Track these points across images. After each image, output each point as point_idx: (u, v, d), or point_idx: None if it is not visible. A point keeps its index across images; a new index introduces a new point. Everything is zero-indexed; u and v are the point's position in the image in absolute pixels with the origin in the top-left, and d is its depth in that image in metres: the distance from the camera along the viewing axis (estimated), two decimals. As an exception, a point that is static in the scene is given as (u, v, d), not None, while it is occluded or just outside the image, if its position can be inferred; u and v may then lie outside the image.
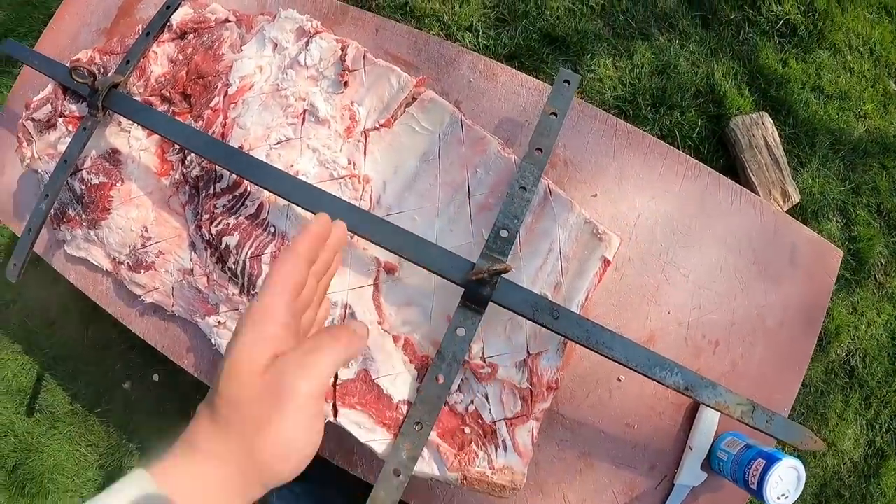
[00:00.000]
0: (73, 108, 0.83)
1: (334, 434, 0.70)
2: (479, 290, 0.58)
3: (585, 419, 0.68)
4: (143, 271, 0.77)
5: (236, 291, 0.68)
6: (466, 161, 0.66)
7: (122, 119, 0.80)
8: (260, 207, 0.68)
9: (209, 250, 0.72)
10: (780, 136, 0.97)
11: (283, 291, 0.30)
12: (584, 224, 0.63)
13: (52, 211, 0.84)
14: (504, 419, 0.60)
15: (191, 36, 0.80)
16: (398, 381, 0.60)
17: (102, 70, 0.81)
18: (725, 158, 1.02)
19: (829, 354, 0.96)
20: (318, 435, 0.30)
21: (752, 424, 0.57)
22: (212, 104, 0.75)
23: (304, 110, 0.71)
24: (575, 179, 0.71)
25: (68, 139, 0.82)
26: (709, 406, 0.57)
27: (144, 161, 0.79)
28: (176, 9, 0.82)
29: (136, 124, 0.80)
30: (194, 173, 0.74)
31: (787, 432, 0.57)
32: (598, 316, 0.68)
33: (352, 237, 0.65)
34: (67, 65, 0.84)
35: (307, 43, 0.73)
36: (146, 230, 0.77)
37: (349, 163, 0.68)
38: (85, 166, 0.80)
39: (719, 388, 0.57)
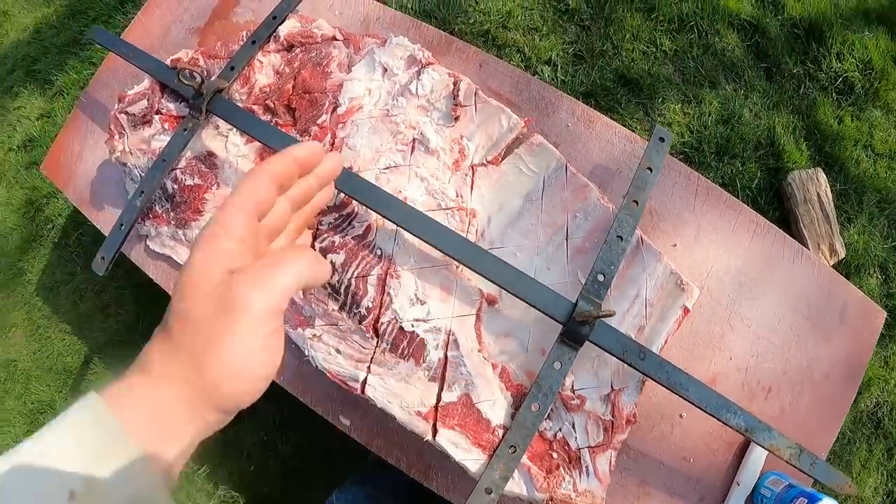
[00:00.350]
0: (171, 106, 0.85)
1: (413, 447, 0.76)
2: (579, 329, 0.64)
3: (648, 450, 0.75)
4: (232, 274, 0.80)
5: (336, 308, 0.72)
6: (568, 205, 0.72)
7: (221, 123, 0.83)
8: (367, 229, 0.72)
9: (308, 263, 0.75)
10: (832, 191, 1.06)
11: (242, 207, 0.28)
12: (670, 275, 0.70)
13: (140, 204, 0.86)
14: (588, 447, 0.66)
15: (297, 49, 0.83)
16: (496, 407, 0.66)
17: (206, 73, 0.83)
18: (780, 210, 1.10)
19: (859, 405, 1.05)
20: (275, 354, 0.28)
21: (799, 466, 0.65)
22: (319, 121, 0.78)
23: (414, 139, 0.75)
24: (658, 229, 0.77)
25: (163, 137, 0.84)
26: (763, 447, 0.65)
27: (242, 168, 0.82)
28: (283, 21, 0.84)
29: (234, 130, 0.83)
30: (297, 187, 0.77)
31: (827, 476, 0.66)
32: (671, 357, 0.74)
33: (458, 268, 0.70)
34: (167, 62, 0.85)
35: (419, 73, 0.77)
36: (239, 235, 0.80)
37: (457, 195, 0.73)
38: (179, 166, 0.82)
39: (774, 432, 0.64)
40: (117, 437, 0.25)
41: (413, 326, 0.68)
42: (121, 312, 1.20)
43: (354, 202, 0.73)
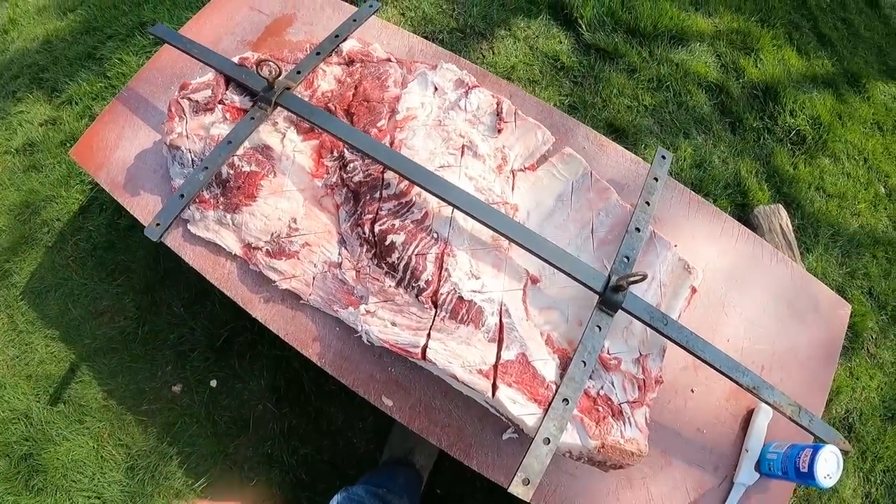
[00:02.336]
0: (236, 98, 0.96)
1: (455, 426, 0.82)
2: (614, 297, 0.77)
3: (667, 422, 0.86)
4: (284, 259, 0.88)
5: (393, 284, 0.81)
6: (592, 205, 0.89)
7: (279, 120, 0.95)
8: (425, 215, 0.84)
9: (365, 247, 0.85)
10: (793, 224, 1.31)
11: None
12: (678, 260, 0.87)
13: (179, 184, 0.93)
14: (627, 402, 0.77)
15: (357, 64, 0.99)
16: (547, 366, 0.76)
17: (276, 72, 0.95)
18: (749, 239, 1.33)
19: (832, 411, 1.21)
20: None
21: (798, 422, 0.78)
22: (378, 125, 0.92)
23: (464, 145, 0.90)
24: (661, 232, 0.95)
25: (223, 126, 0.94)
26: (767, 403, 0.78)
27: (300, 162, 0.93)
28: (345, 39, 1.01)
29: (291, 127, 0.95)
30: (357, 179, 0.89)
31: (824, 431, 0.80)
32: (681, 336, 0.89)
33: (506, 250, 0.83)
34: (236, 60, 0.98)
35: (467, 93, 0.95)
36: (294, 222, 0.89)
37: (502, 193, 0.88)
38: (237, 153, 0.92)
39: (776, 391, 0.79)
40: None
41: (471, 296, 0.78)
42: (118, 319, 1.18)
43: (413, 192, 0.86)
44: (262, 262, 0.88)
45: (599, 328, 0.77)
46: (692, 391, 0.88)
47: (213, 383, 1.14)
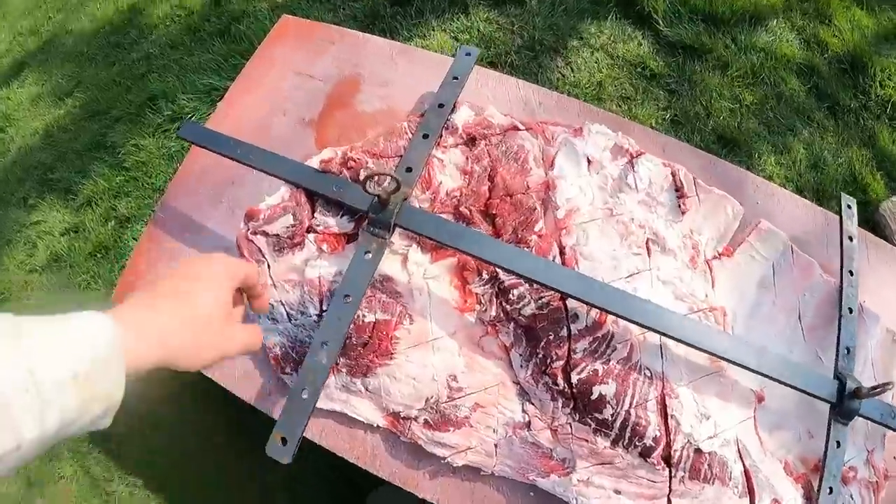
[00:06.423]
0: (331, 222, 0.71)
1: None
2: (851, 406, 0.72)
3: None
4: (452, 429, 0.71)
5: (607, 444, 0.69)
6: (797, 286, 0.79)
7: (394, 238, 0.72)
8: (631, 349, 0.71)
9: (560, 400, 0.71)
10: None
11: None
12: (886, 332, 0.82)
13: (280, 351, 0.71)
14: (867, 514, 0.75)
15: (482, 143, 0.75)
16: (796, 506, 0.71)
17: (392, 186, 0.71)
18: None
19: None
20: (220, 339, 0.42)
21: None
22: (536, 229, 0.73)
23: (648, 239, 0.75)
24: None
25: (323, 263, 0.70)
26: None
27: (437, 292, 0.72)
28: (453, 110, 0.76)
29: (413, 246, 0.73)
30: (528, 311, 0.71)
31: None
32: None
33: (727, 370, 0.73)
34: (314, 165, 0.71)
35: (631, 163, 0.77)
36: (454, 379, 0.71)
37: (705, 294, 0.75)
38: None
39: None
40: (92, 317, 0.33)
41: (710, 445, 0.69)
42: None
43: (609, 318, 0.71)
44: (422, 437, 0.71)
45: (838, 443, 0.72)
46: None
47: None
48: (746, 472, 0.70)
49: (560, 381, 0.70)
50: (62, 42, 1.73)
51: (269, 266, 0.69)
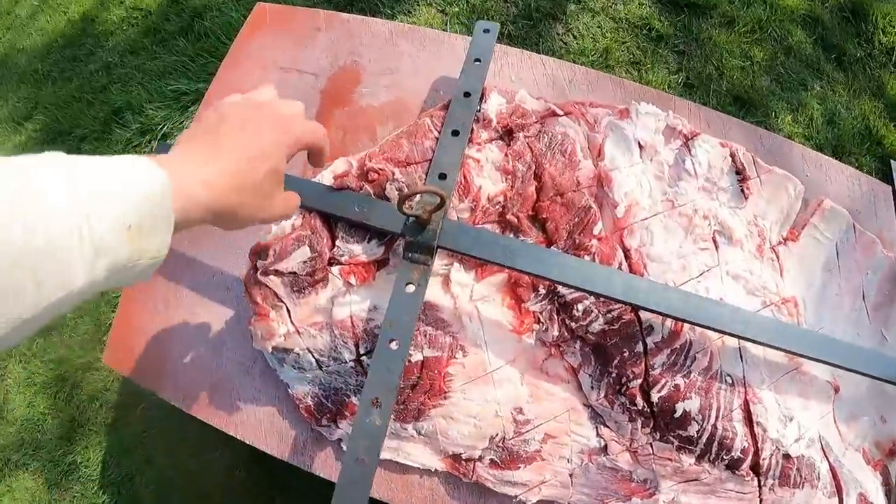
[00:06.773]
0: (357, 249, 0.59)
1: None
2: (926, 388, 0.69)
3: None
4: (522, 466, 0.63)
5: (692, 461, 0.64)
6: (860, 265, 0.74)
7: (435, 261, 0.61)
8: (711, 357, 0.64)
9: (639, 420, 0.64)
10: None
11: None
12: (942, 303, 0.80)
13: (313, 401, 0.60)
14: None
15: (521, 135, 0.64)
16: (879, 493, 0.68)
17: (433, 204, 0.59)
18: None
19: None
20: (267, 196, 0.41)
21: None
22: (595, 231, 0.64)
23: (715, 231, 0.67)
24: None
25: (354, 298, 0.59)
26: None
27: (488, 316, 0.63)
28: (482, 98, 0.64)
29: (454, 266, 0.62)
30: (596, 328, 0.63)
31: None
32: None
33: (803, 366, 0.68)
34: (327, 182, 0.58)
35: (687, 147, 0.69)
36: (520, 412, 0.63)
37: (776, 286, 0.69)
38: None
39: None
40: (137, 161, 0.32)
41: (797, 449, 0.64)
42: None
43: (685, 327, 0.64)
44: (490, 478, 0.63)
45: (914, 425, 0.69)
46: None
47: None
48: (832, 470, 0.66)
49: (639, 400, 0.62)
50: (14, 62, 1.60)
51: (288, 312, 0.57)
